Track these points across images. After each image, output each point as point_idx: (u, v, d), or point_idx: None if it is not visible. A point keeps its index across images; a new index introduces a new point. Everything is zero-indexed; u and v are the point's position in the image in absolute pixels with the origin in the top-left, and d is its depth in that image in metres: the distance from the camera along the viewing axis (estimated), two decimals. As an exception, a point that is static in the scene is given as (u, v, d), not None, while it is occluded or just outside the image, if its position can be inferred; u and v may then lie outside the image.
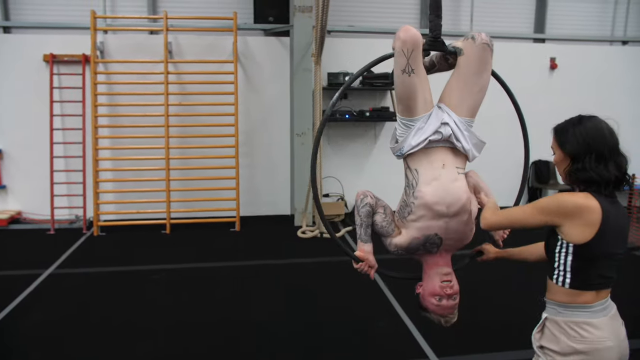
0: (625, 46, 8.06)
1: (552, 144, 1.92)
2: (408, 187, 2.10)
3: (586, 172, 1.77)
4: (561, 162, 1.86)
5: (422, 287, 2.23)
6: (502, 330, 3.83)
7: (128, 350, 3.48)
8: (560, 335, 1.79)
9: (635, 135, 7.89)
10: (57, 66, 6.45)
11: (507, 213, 1.91)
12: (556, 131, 1.90)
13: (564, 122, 1.92)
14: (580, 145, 1.81)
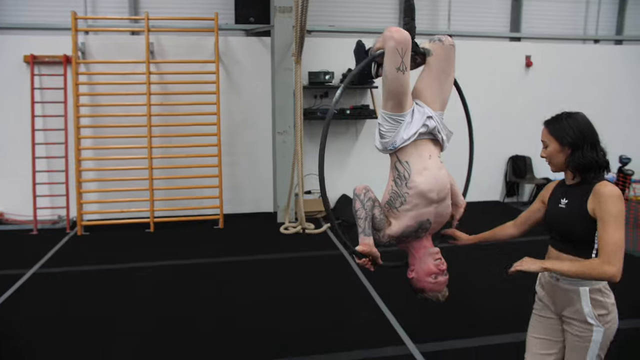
0: (597, 44, 8.32)
1: (545, 137, 2.16)
2: (399, 179, 2.23)
3: (586, 159, 2.04)
4: (558, 153, 2.11)
5: (414, 271, 2.34)
6: (475, 317, 3.98)
7: (112, 346, 3.55)
8: (603, 298, 2.07)
9: (608, 129, 8.13)
10: (38, 67, 6.47)
11: (617, 249, 1.93)
12: (551, 126, 2.14)
13: (555, 118, 2.16)
14: (578, 136, 2.07)
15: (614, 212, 1.95)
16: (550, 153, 2.14)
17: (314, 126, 7.21)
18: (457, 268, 3.12)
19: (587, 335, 2.06)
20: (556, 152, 2.12)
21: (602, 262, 1.92)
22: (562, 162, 2.12)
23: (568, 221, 2.10)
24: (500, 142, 7.82)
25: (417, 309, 4.09)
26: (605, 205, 1.97)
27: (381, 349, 3.49)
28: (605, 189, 2.00)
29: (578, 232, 2.07)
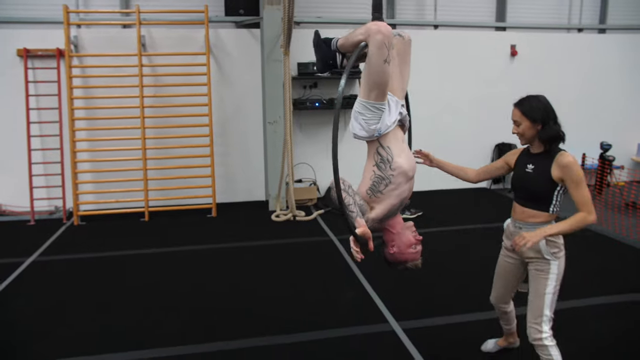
0: (581, 33, 8.49)
1: (517, 117, 2.61)
2: (382, 163, 2.44)
3: (554, 132, 2.56)
4: (529, 129, 2.59)
5: (396, 246, 2.53)
6: (453, 296, 4.19)
7: (109, 331, 3.73)
8: (556, 240, 2.63)
9: (589, 116, 8.37)
10: (31, 60, 6.58)
11: (590, 202, 2.51)
12: (522, 107, 2.60)
13: (523, 100, 2.63)
14: (545, 113, 2.56)
15: (580, 175, 2.49)
16: (524, 129, 2.60)
17: (303, 116, 7.37)
18: (438, 252, 3.32)
19: (547, 268, 2.64)
20: (529, 128, 2.59)
21: (586, 214, 2.49)
22: (533, 136, 2.61)
23: (534, 183, 2.61)
24: (486, 130, 8.00)
25: (400, 289, 4.31)
26: (572, 172, 2.50)
27: (366, 326, 3.70)
28: (569, 158, 2.53)
29: (541, 192, 2.60)
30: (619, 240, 5.63)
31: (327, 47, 2.56)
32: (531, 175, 2.63)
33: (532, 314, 2.70)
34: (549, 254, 2.63)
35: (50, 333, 3.65)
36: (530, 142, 2.66)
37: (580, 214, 2.49)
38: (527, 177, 2.65)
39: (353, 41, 2.40)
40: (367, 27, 2.29)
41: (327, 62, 2.55)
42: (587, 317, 3.83)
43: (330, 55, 2.54)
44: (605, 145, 7.11)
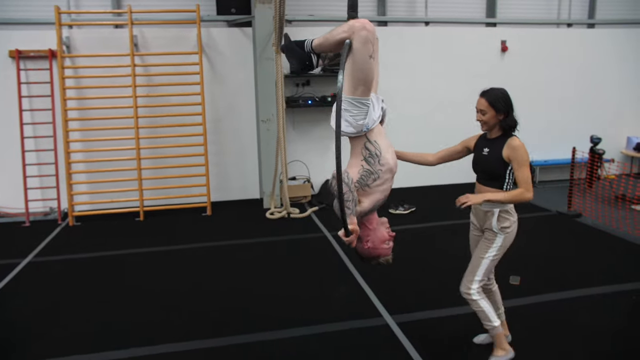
0: (570, 28, 8.57)
1: (483, 106, 2.92)
2: (371, 157, 2.49)
3: (513, 121, 2.93)
4: (493, 117, 2.91)
5: (370, 241, 2.58)
6: (446, 290, 4.24)
7: (107, 330, 3.77)
8: (507, 216, 2.96)
9: (579, 110, 8.46)
10: (23, 62, 6.57)
11: (529, 181, 2.83)
12: (488, 97, 2.91)
13: (488, 91, 2.95)
14: (507, 105, 2.91)
15: (525, 158, 2.85)
16: (489, 118, 2.92)
17: (297, 114, 7.41)
18: (431, 247, 3.39)
19: (492, 239, 3.01)
20: (493, 117, 2.92)
21: (524, 191, 2.81)
22: (495, 124, 2.95)
23: (489, 164, 2.96)
24: (478, 126, 8.02)
25: (393, 284, 4.37)
26: (518, 153, 2.85)
27: (360, 320, 3.76)
28: (517, 142, 2.89)
29: (495, 171, 2.93)
30: (609, 232, 5.72)
31: (301, 49, 2.61)
32: (487, 157, 2.97)
33: (468, 272, 3.10)
34: (497, 228, 2.97)
35: (47, 333, 3.68)
36: (491, 129, 2.98)
37: (519, 190, 2.81)
38: (484, 159, 2.99)
39: (335, 40, 2.42)
40: (351, 25, 2.33)
41: (304, 63, 2.62)
42: (580, 308, 3.91)
43: (305, 56, 2.60)
44: (595, 139, 7.19)
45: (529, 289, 4.23)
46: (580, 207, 6.57)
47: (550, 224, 6.17)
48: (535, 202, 7.09)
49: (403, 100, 7.48)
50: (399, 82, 7.44)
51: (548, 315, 3.79)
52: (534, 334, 3.52)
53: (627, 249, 5.23)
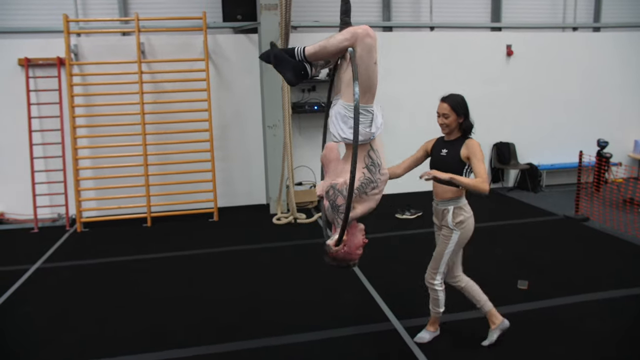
0: (576, 32, 8.55)
1: (446, 110, 3.13)
2: (373, 166, 2.48)
3: (470, 124, 3.19)
4: (454, 121, 3.15)
5: (347, 246, 2.56)
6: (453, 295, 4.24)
7: (116, 335, 3.79)
8: (462, 212, 3.23)
9: (585, 114, 8.44)
10: (32, 70, 6.64)
11: (485, 173, 3.04)
12: (450, 102, 3.13)
13: (448, 97, 3.17)
14: (465, 109, 3.16)
15: (480, 154, 3.09)
16: (451, 121, 3.15)
17: (303, 119, 7.43)
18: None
19: (449, 235, 3.24)
20: (454, 121, 3.16)
21: (482, 181, 3.00)
22: (455, 127, 3.17)
23: (447, 163, 3.15)
24: (484, 130, 7.95)
25: (399, 288, 4.37)
26: (475, 151, 3.10)
27: (368, 325, 3.75)
28: (474, 142, 3.16)
29: (453, 170, 3.06)
30: (617, 236, 5.69)
31: (292, 57, 2.49)
32: (445, 157, 3.19)
33: (432, 265, 3.35)
34: (452, 225, 3.21)
35: (56, 339, 3.70)
36: (452, 131, 3.20)
37: (478, 179, 3.02)
38: (442, 159, 3.21)
39: (335, 49, 2.37)
40: (353, 32, 2.31)
41: (299, 72, 2.48)
42: (589, 313, 3.88)
43: (300, 66, 2.47)
44: (602, 143, 7.16)
45: (538, 293, 4.21)
46: (587, 211, 6.54)
47: (558, 228, 6.15)
48: (542, 206, 7.07)
49: (408, 104, 7.49)
50: (404, 87, 7.45)
51: (557, 320, 3.77)
52: (543, 339, 3.50)
53: (635, 252, 5.20)
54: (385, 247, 5.38)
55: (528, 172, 8.09)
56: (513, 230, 6.10)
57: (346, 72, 2.40)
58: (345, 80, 2.42)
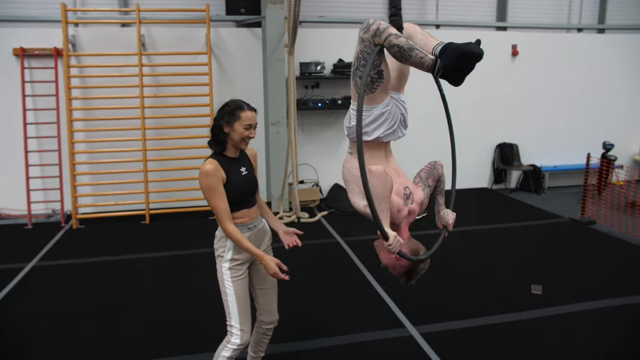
0: (581, 33, 8.50)
1: (256, 120, 2.60)
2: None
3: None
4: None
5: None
6: (467, 299, 4.14)
7: (113, 335, 3.63)
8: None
9: (589, 116, 8.40)
10: (28, 60, 6.42)
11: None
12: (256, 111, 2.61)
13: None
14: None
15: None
16: (254, 134, 2.60)
17: (305, 116, 7.28)
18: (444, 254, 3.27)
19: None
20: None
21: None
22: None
23: (252, 183, 2.67)
24: (488, 130, 7.99)
25: (411, 292, 4.24)
26: (256, 158, 2.81)
27: (382, 331, 3.63)
28: (255, 150, 2.79)
29: (257, 183, 2.71)
30: (626, 240, 5.63)
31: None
32: (248, 175, 2.66)
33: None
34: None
35: (53, 339, 3.55)
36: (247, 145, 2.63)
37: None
38: (246, 178, 2.64)
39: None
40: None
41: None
42: (605, 320, 3.80)
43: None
44: (608, 145, 7.11)
45: (551, 298, 4.12)
46: (593, 214, 6.48)
47: (565, 231, 6.07)
48: (547, 208, 7.01)
49: (413, 102, 7.37)
50: (409, 84, 7.33)
51: (573, 326, 3.68)
52: (557, 345, 3.41)
53: (645, 257, 5.14)
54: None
55: (531, 174, 8.02)
56: (519, 232, 6.01)
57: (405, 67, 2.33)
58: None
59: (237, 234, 2.51)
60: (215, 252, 2.67)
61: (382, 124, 2.19)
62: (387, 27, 1.99)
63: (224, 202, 2.51)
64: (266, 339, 2.92)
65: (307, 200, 7.08)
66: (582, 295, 4.18)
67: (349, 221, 6.41)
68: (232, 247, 2.60)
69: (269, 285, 2.85)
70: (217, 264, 2.66)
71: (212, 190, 2.49)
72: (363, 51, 2.05)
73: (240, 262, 2.64)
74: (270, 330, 2.90)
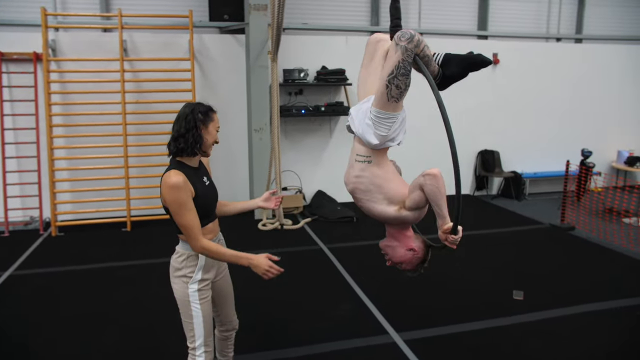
0: (559, 43, 8.67)
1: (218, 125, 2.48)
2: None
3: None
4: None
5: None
6: (449, 305, 4.17)
7: (93, 346, 3.56)
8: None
9: (568, 123, 8.56)
10: (5, 64, 6.31)
11: None
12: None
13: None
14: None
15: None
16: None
17: (289, 123, 7.28)
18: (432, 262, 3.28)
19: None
20: None
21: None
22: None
23: (215, 193, 2.54)
24: (470, 137, 8.07)
25: (394, 298, 4.26)
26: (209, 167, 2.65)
27: (366, 338, 3.62)
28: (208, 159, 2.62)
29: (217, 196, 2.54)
30: (605, 246, 5.72)
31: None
32: (212, 185, 2.52)
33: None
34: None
35: (30, 352, 3.45)
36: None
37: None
38: (212, 188, 2.51)
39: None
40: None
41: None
42: (584, 324, 3.85)
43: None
44: (586, 152, 7.26)
45: (532, 304, 4.16)
46: (572, 220, 6.59)
47: (545, 237, 6.16)
48: (527, 214, 7.10)
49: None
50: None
51: (553, 332, 3.72)
52: (539, 351, 3.44)
53: (625, 263, 5.22)
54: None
55: (512, 180, 8.13)
56: (501, 238, 6.08)
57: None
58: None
59: (215, 247, 2.32)
60: (176, 272, 2.42)
61: (402, 129, 2.27)
62: (422, 38, 2.14)
63: (196, 218, 2.29)
64: (231, 341, 2.85)
65: (290, 207, 7.06)
66: (563, 301, 4.24)
67: (332, 228, 6.41)
68: (203, 266, 2.43)
69: (228, 295, 2.72)
70: (178, 285, 2.41)
71: (182, 205, 2.24)
72: (405, 60, 2.11)
73: (208, 282, 2.48)
74: (232, 334, 2.82)
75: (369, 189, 2.28)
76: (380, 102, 2.17)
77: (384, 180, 2.29)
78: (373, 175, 2.27)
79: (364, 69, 2.41)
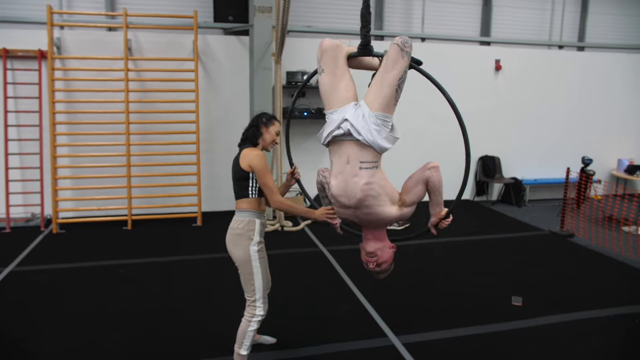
0: (562, 50, 8.71)
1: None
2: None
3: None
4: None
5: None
6: (446, 308, 4.18)
7: (93, 343, 3.57)
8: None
9: (569, 130, 8.58)
10: (10, 61, 6.34)
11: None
12: None
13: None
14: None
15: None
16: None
17: (291, 125, 7.28)
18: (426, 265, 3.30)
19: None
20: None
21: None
22: None
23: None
24: (471, 142, 8.02)
25: (393, 301, 4.27)
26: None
27: (364, 341, 3.64)
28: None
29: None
30: (604, 253, 5.74)
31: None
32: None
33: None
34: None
35: (30, 348, 3.47)
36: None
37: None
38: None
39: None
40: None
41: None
42: (583, 331, 3.87)
43: None
44: (587, 160, 7.28)
45: (532, 310, 4.18)
46: (572, 227, 6.61)
47: (545, 243, 6.17)
48: (527, 221, 7.12)
49: (398, 114, 7.45)
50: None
51: (552, 338, 3.74)
52: (538, 358, 3.46)
53: (623, 271, 5.24)
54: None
55: (512, 186, 8.15)
56: (501, 244, 6.10)
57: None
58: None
59: (288, 201, 2.88)
60: (238, 237, 2.91)
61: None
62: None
63: (273, 179, 2.90)
64: (266, 299, 3.13)
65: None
66: (562, 307, 4.25)
67: (333, 230, 6.41)
68: (260, 230, 2.93)
69: (267, 258, 3.12)
70: (242, 247, 2.90)
71: (266, 168, 2.86)
72: (405, 64, 2.32)
73: (262, 245, 2.99)
74: (267, 292, 3.17)
75: (379, 193, 2.33)
76: (388, 106, 2.27)
77: (386, 181, 2.39)
78: (380, 179, 2.34)
79: (329, 75, 2.40)
